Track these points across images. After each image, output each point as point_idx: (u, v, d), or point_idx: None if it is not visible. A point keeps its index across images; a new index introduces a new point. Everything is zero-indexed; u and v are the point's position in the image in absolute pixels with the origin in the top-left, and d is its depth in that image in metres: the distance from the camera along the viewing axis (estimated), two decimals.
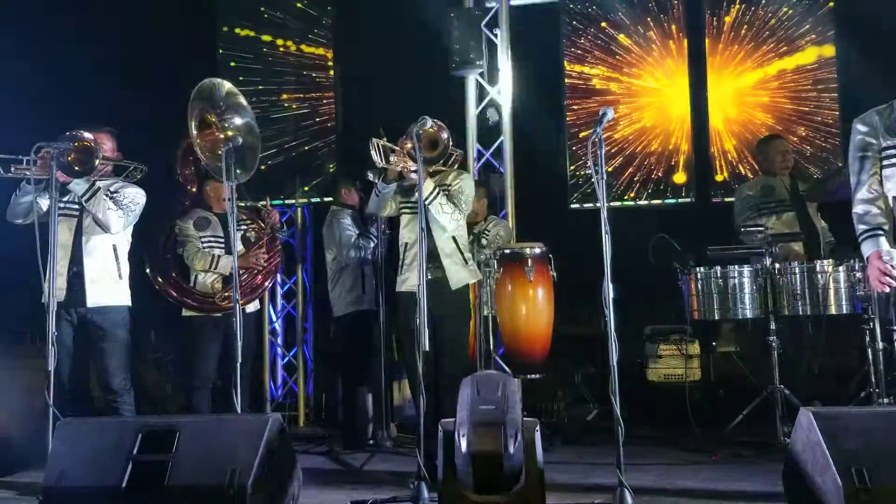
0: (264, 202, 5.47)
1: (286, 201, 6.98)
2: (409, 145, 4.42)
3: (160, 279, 5.25)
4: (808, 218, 5.61)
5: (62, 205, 4.60)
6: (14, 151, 4.42)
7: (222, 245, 5.31)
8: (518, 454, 3.49)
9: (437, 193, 4.55)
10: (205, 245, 5.28)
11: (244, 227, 5.42)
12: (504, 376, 3.73)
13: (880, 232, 3.76)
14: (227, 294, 5.19)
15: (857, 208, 3.84)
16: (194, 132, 4.49)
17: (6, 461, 4.94)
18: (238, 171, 4.43)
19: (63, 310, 4.55)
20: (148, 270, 5.25)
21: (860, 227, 3.83)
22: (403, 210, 4.79)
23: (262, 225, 5.44)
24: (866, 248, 3.80)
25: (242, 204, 5.48)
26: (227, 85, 4.62)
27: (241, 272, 5.24)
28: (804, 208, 5.63)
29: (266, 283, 5.50)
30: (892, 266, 3.70)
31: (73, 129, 4.44)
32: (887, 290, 3.79)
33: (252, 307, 5.47)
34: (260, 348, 7.12)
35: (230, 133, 4.52)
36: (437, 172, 4.72)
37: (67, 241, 4.63)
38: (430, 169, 4.56)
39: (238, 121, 4.59)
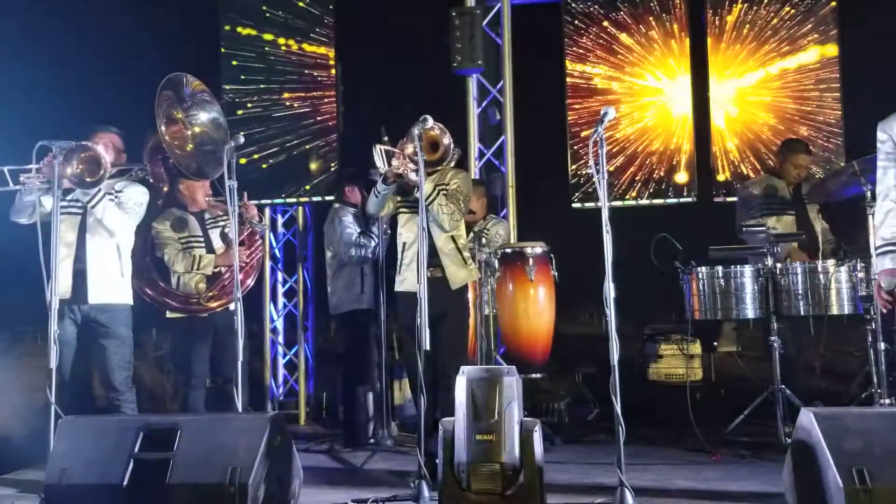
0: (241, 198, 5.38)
1: (287, 200, 6.98)
2: (410, 149, 4.42)
3: (138, 282, 5.15)
4: (807, 220, 5.61)
5: (66, 203, 4.61)
6: (17, 152, 4.42)
7: (202, 244, 5.27)
8: (517, 454, 3.49)
9: (437, 193, 4.55)
10: (184, 246, 5.23)
11: (222, 223, 5.36)
12: (500, 373, 3.72)
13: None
14: (211, 294, 5.17)
15: (877, 219, 3.78)
16: (162, 128, 4.47)
17: (8, 459, 4.95)
18: (209, 169, 4.42)
19: (67, 307, 4.55)
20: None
21: (878, 241, 3.78)
22: (401, 210, 4.79)
23: (241, 220, 5.38)
24: (878, 263, 3.75)
25: (220, 199, 5.45)
26: (194, 80, 4.59)
27: (223, 270, 5.22)
28: (804, 211, 5.63)
29: (249, 281, 5.44)
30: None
31: (81, 141, 4.44)
32: (885, 310, 3.77)
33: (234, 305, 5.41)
34: (260, 347, 7.13)
35: (197, 129, 4.50)
36: (434, 171, 4.72)
37: (72, 239, 4.63)
38: (428, 170, 4.57)
39: (204, 116, 4.56)
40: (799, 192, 5.66)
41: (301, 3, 7.01)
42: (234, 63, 7.03)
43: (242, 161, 6.65)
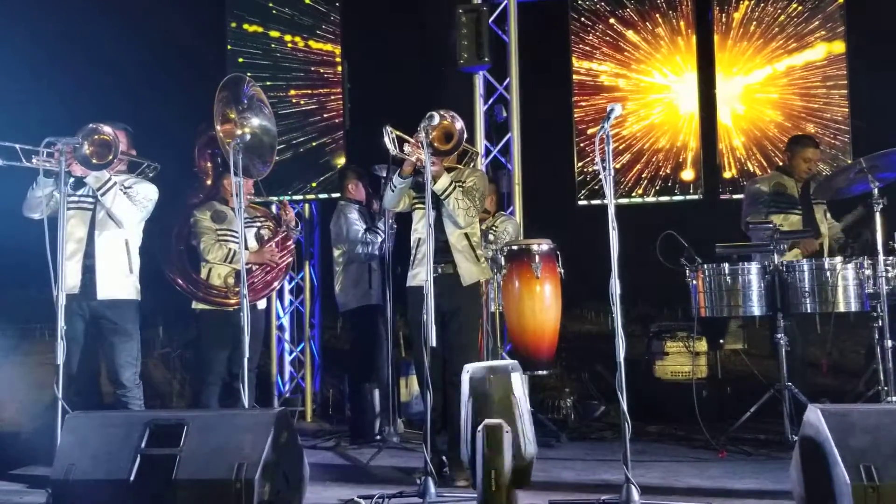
0: (282, 199, 5.46)
1: (294, 197, 6.99)
2: (423, 136, 4.38)
3: (170, 270, 5.23)
4: (813, 221, 5.58)
5: (76, 198, 4.62)
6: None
7: (237, 240, 5.30)
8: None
9: (454, 188, 4.53)
10: (220, 237, 5.24)
11: (258, 223, 5.40)
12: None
13: None
14: (238, 289, 5.20)
15: None
16: (218, 126, 4.52)
17: (16, 454, 4.97)
18: (255, 169, 4.49)
19: (75, 304, 4.55)
20: (162, 263, 5.24)
21: None
22: (417, 205, 4.76)
23: (278, 222, 5.43)
24: None
25: (259, 200, 5.50)
26: (255, 85, 4.67)
27: (255, 268, 5.25)
28: (811, 211, 5.60)
29: (275, 283, 5.47)
30: None
31: (95, 123, 4.46)
32: None
33: (262, 304, 5.45)
34: (267, 343, 7.15)
35: (246, 130, 4.55)
36: (452, 169, 4.70)
37: (81, 235, 4.63)
38: (445, 164, 4.56)
39: (255, 121, 4.62)
40: (807, 192, 5.64)
41: (307, 1, 7.01)
42: (241, 60, 7.03)
43: None
